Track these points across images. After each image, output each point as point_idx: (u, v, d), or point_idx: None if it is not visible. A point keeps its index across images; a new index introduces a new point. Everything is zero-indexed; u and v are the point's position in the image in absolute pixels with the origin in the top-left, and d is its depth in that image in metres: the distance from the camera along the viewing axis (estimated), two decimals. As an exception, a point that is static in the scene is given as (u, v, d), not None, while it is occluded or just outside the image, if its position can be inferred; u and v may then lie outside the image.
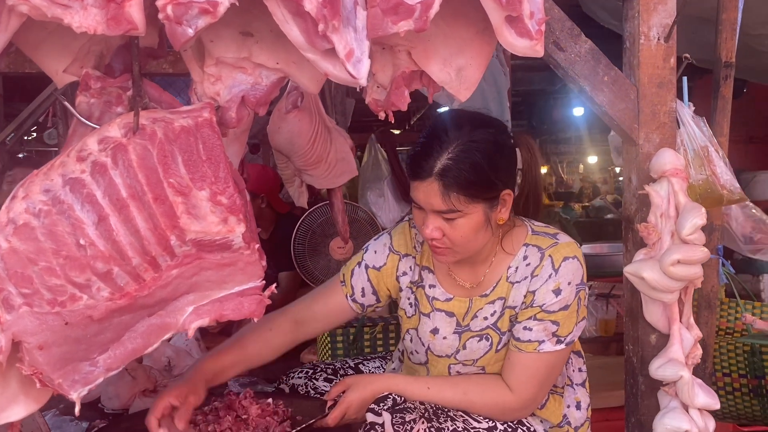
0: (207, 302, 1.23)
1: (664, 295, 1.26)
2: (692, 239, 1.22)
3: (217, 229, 1.18)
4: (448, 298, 1.76)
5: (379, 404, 1.60)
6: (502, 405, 1.66)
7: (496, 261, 1.71)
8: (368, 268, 1.87)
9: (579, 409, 1.77)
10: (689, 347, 1.31)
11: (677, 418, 1.26)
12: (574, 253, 1.62)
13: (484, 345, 1.72)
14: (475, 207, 1.56)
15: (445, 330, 1.76)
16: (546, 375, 1.65)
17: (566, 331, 1.63)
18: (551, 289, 1.61)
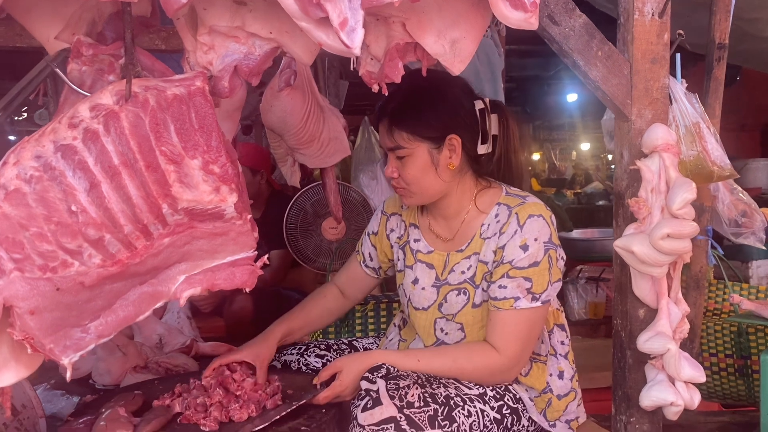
0: (199, 271, 1.24)
1: (653, 269, 1.27)
2: (682, 214, 1.23)
3: (209, 198, 1.18)
4: (429, 251, 1.88)
5: (374, 373, 1.63)
6: (490, 366, 1.71)
7: (469, 218, 1.84)
8: (369, 234, 2.08)
9: (561, 378, 1.82)
10: (677, 321, 1.33)
11: (663, 391, 1.27)
12: (539, 212, 1.72)
13: (462, 299, 1.79)
14: (419, 146, 1.74)
15: (425, 281, 1.87)
16: (527, 331, 1.71)
17: (540, 288, 1.70)
18: (518, 244, 1.70)
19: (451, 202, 1.84)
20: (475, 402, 1.70)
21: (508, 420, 1.73)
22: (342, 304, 2.17)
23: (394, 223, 2.02)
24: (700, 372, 1.28)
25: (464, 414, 1.66)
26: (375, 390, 1.59)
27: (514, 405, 1.76)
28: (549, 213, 1.76)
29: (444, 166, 1.76)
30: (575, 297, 4.02)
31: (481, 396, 1.72)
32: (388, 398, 1.56)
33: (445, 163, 1.76)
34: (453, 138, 1.75)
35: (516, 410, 1.75)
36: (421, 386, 1.66)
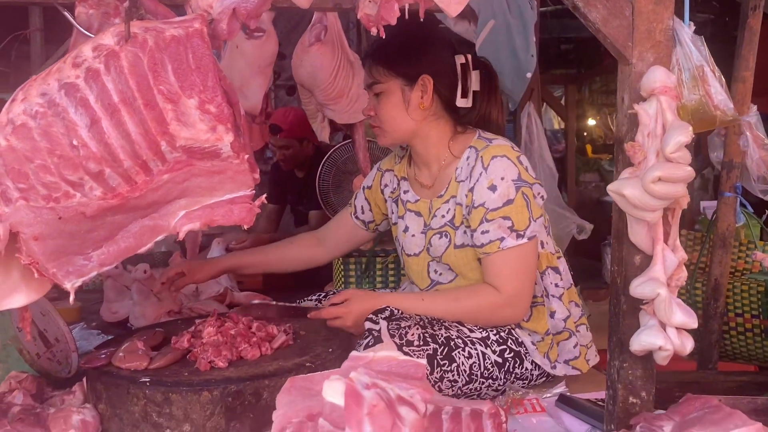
0: (198, 207, 1.29)
1: (646, 214, 1.26)
2: (676, 157, 1.21)
3: (205, 137, 1.23)
4: (416, 200, 1.98)
5: (377, 314, 1.69)
6: (492, 304, 1.76)
7: (446, 163, 1.91)
8: (364, 188, 2.20)
9: (553, 317, 1.86)
10: (672, 268, 1.31)
11: (653, 335, 1.27)
12: (503, 153, 1.79)
13: (443, 241, 1.87)
14: (393, 81, 1.84)
15: (414, 228, 1.97)
16: (521, 267, 1.76)
17: (522, 225, 1.75)
18: (485, 186, 1.77)
19: (428, 147, 1.92)
20: (476, 345, 1.73)
21: (510, 363, 1.76)
22: (311, 255, 2.24)
23: (388, 178, 2.11)
24: (692, 318, 1.27)
25: (464, 355, 1.70)
26: (377, 330, 1.64)
27: (516, 348, 1.79)
28: (516, 153, 1.82)
29: (415, 105, 1.85)
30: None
31: (483, 339, 1.75)
32: (388, 337, 1.61)
33: (416, 103, 1.85)
34: (425, 77, 1.84)
35: (518, 354, 1.78)
36: (422, 327, 1.70)
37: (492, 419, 1.11)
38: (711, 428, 1.15)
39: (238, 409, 1.50)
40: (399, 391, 0.71)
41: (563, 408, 1.58)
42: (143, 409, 1.51)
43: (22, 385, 1.69)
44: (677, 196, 1.23)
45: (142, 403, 1.51)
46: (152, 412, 1.50)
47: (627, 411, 1.39)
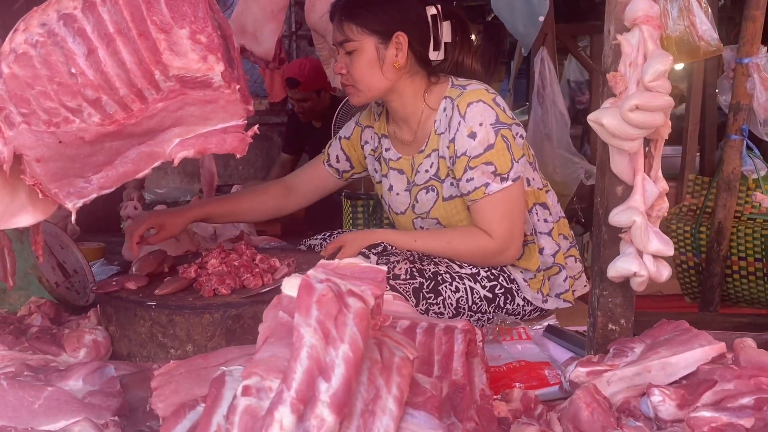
0: (192, 136, 1.36)
1: (625, 143, 1.28)
2: (654, 86, 1.22)
3: (197, 66, 1.28)
4: (398, 157, 1.96)
5: (371, 249, 1.75)
6: (483, 248, 1.79)
7: (424, 117, 1.90)
8: (341, 138, 2.16)
9: (542, 254, 1.88)
10: (653, 198, 1.34)
11: (628, 262, 1.31)
12: (478, 97, 1.77)
13: (431, 196, 1.88)
14: (367, 39, 1.78)
15: (398, 186, 1.97)
16: (509, 210, 1.78)
17: (505, 168, 1.76)
18: (465, 134, 1.76)
19: (405, 104, 1.89)
20: (465, 280, 1.79)
21: (500, 299, 1.81)
22: (282, 204, 2.18)
23: (368, 135, 2.08)
24: (668, 246, 1.31)
25: (451, 289, 1.75)
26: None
27: (507, 285, 1.84)
28: (491, 95, 1.80)
29: (390, 63, 1.81)
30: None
31: (473, 275, 1.81)
32: None
33: (390, 61, 1.80)
34: (400, 35, 1.79)
35: (510, 290, 1.83)
36: (411, 262, 1.76)
37: (464, 334, 1.17)
38: (677, 348, 1.19)
39: (237, 332, 1.59)
40: (351, 286, 0.77)
41: (549, 338, 1.64)
42: (149, 330, 1.61)
43: (41, 309, 1.80)
44: (655, 125, 1.25)
45: (148, 324, 1.61)
46: (158, 332, 1.60)
47: (606, 337, 1.44)
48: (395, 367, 0.75)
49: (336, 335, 0.70)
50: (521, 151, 1.82)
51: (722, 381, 1.08)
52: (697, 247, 2.39)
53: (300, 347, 0.69)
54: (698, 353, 1.17)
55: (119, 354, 1.67)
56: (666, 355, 1.19)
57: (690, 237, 2.42)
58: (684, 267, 2.47)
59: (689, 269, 2.46)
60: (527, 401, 1.13)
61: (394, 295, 1.36)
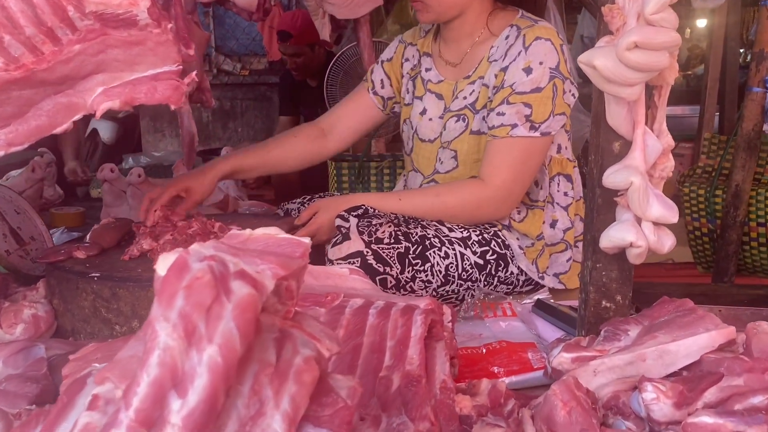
0: (118, 84, 1.17)
1: (622, 90, 1.08)
2: (656, 20, 1.02)
3: (118, 1, 1.10)
4: (439, 80, 1.79)
5: (350, 212, 1.58)
6: (477, 197, 1.63)
7: (480, 40, 1.73)
8: (383, 62, 1.96)
9: (553, 227, 1.72)
10: (655, 156, 1.14)
11: (624, 230, 1.12)
12: (548, 36, 1.61)
13: (460, 125, 1.71)
14: None
15: (432, 112, 1.79)
16: (520, 162, 1.61)
17: (540, 117, 1.60)
18: (521, 67, 1.60)
19: (465, 23, 1.73)
20: (455, 245, 1.61)
21: (492, 266, 1.64)
22: (317, 147, 1.96)
23: (410, 53, 1.91)
24: (671, 211, 1.11)
25: (440, 255, 1.58)
26: (347, 227, 1.53)
27: (501, 251, 1.66)
28: (560, 41, 1.63)
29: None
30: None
31: (463, 240, 1.63)
32: (357, 233, 1.51)
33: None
34: None
35: (503, 256, 1.66)
36: (396, 225, 1.58)
37: (424, 316, 0.99)
38: (677, 332, 1.01)
39: (188, 307, 1.42)
40: (244, 266, 0.59)
41: (538, 314, 1.46)
42: (92, 305, 1.45)
43: (-16, 279, 1.65)
44: (658, 66, 1.05)
45: (90, 298, 1.45)
46: (101, 307, 1.44)
47: (599, 316, 1.25)
48: (293, 371, 0.57)
49: (204, 333, 0.53)
50: (563, 108, 1.64)
51: (730, 374, 0.89)
52: (712, 213, 2.18)
53: (151, 350, 0.52)
54: (703, 339, 0.98)
55: (63, 330, 1.52)
56: (664, 341, 1.00)
57: (704, 201, 2.21)
58: (697, 234, 2.27)
59: (702, 236, 2.25)
60: (496, 395, 0.96)
61: (351, 269, 1.18)
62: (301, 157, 1.97)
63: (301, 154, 1.96)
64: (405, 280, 1.54)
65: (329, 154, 2.02)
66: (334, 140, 1.98)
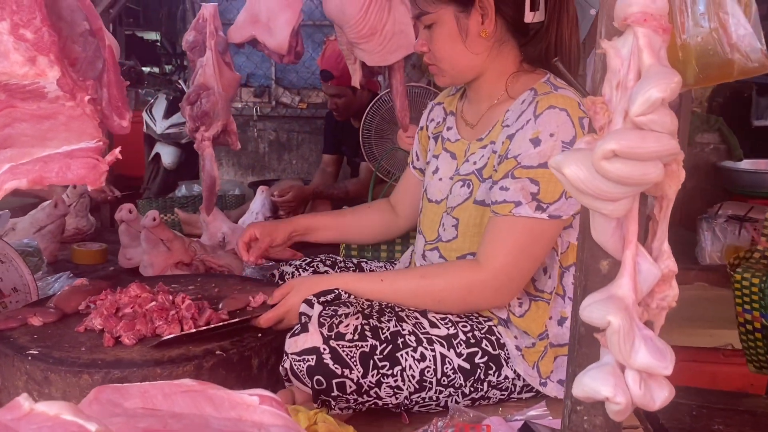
0: (27, 161, 1.04)
1: (602, 205, 0.85)
2: (643, 122, 0.79)
3: (23, 71, 0.98)
4: (456, 139, 1.68)
5: (321, 296, 1.40)
6: (468, 280, 1.43)
7: (498, 103, 1.56)
8: (419, 132, 1.88)
9: (561, 325, 1.47)
10: (650, 284, 0.90)
11: (599, 380, 0.87)
12: (565, 106, 1.39)
13: (464, 192, 1.55)
14: (444, 9, 1.52)
15: (443, 171, 1.66)
16: (521, 244, 1.40)
17: (550, 197, 1.38)
18: (529, 137, 1.40)
19: (484, 83, 1.59)
20: (435, 344, 1.40)
21: (481, 370, 1.41)
22: (387, 220, 1.95)
23: (437, 112, 1.82)
24: (664, 360, 0.87)
25: (414, 356, 1.37)
26: (309, 315, 1.35)
27: (493, 352, 1.44)
28: (580, 114, 1.40)
29: (475, 34, 1.52)
30: (709, 237, 3.36)
31: (447, 338, 1.41)
32: (316, 326, 1.32)
33: (476, 31, 1.51)
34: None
35: (496, 358, 1.43)
36: (366, 317, 1.39)
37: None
38: None
39: (121, 399, 1.27)
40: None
41: (522, 442, 1.22)
42: (26, 386, 1.33)
43: (-57, 338, 1.56)
44: (647, 180, 0.82)
45: (24, 378, 1.33)
46: (33, 390, 1.32)
47: (580, 470, 1.01)
48: None
49: None
50: None
51: None
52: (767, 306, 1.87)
53: None
54: None
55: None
56: None
57: (758, 292, 1.90)
58: (748, 328, 1.95)
59: (755, 331, 1.94)
60: None
61: (262, 396, 0.98)
62: (373, 228, 1.98)
63: (373, 225, 1.98)
64: (368, 386, 1.34)
65: (400, 229, 2.00)
66: (401, 217, 1.96)
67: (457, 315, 1.48)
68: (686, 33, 0.87)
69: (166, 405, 0.90)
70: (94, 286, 1.69)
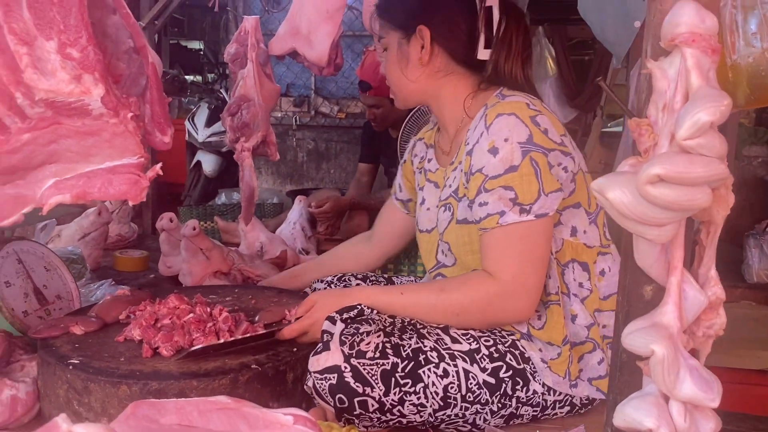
0: (71, 176, 1.06)
1: (646, 230, 0.82)
2: (691, 146, 0.76)
3: (68, 89, 0.99)
4: (436, 169, 1.72)
5: (343, 313, 1.40)
6: (485, 292, 1.41)
7: (462, 126, 1.60)
8: (402, 164, 1.92)
9: (574, 322, 1.48)
10: (697, 311, 0.87)
11: (642, 410, 0.85)
12: (512, 110, 1.42)
13: (446, 215, 1.57)
14: (391, 35, 1.62)
15: (430, 201, 1.69)
16: (522, 249, 1.40)
17: (528, 198, 1.39)
18: (485, 148, 1.43)
19: (443, 109, 1.64)
20: (457, 360, 1.38)
21: (507, 385, 1.39)
22: (368, 252, 2.00)
23: (419, 147, 1.86)
24: (711, 392, 0.84)
25: (437, 373, 1.35)
26: (331, 333, 1.35)
27: (518, 366, 1.42)
28: (531, 111, 1.44)
29: (414, 61, 1.59)
30: (757, 255, 3.25)
31: (470, 353, 1.40)
32: (338, 344, 1.32)
33: (415, 58, 1.59)
34: (422, 28, 1.55)
35: (521, 372, 1.41)
36: (387, 335, 1.38)
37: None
38: None
39: (158, 410, 1.29)
40: None
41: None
42: (66, 394, 1.35)
43: (-11, 345, 1.60)
44: (694, 206, 0.79)
45: (65, 387, 1.35)
46: (73, 399, 1.34)
47: (619, 500, 0.98)
48: None
49: None
50: (555, 185, 1.41)
51: None
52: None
53: None
54: None
55: (43, 415, 1.43)
56: None
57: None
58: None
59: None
60: None
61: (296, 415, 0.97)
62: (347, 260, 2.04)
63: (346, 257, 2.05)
64: (391, 404, 1.32)
65: (373, 260, 2.04)
66: (375, 246, 2.01)
67: (479, 330, 1.46)
68: (737, 53, 0.84)
69: (201, 422, 0.90)
70: (134, 296, 1.71)
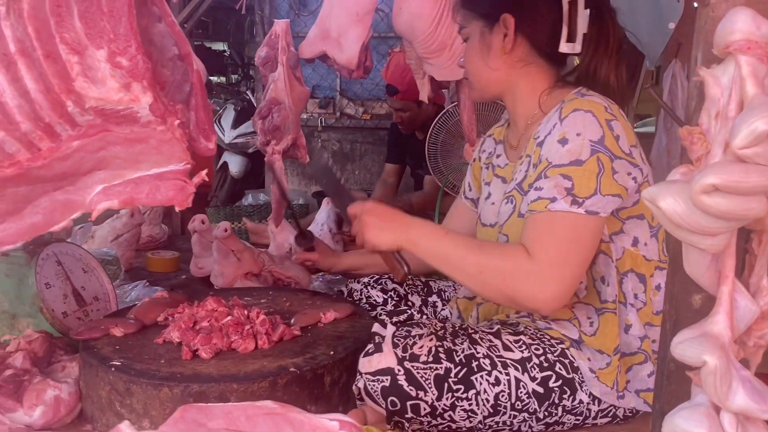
0: (119, 182, 1.08)
1: (699, 239, 0.81)
2: (747, 155, 0.75)
3: (118, 97, 1.01)
4: (505, 164, 1.68)
5: (393, 317, 1.41)
6: (516, 264, 1.35)
7: (533, 121, 1.57)
8: (472, 162, 1.89)
9: (627, 332, 1.46)
10: (748, 321, 0.86)
11: (692, 421, 0.84)
12: (590, 108, 1.38)
13: (509, 208, 1.54)
14: (474, 24, 1.58)
15: (496, 196, 1.68)
16: (566, 239, 1.35)
17: (585, 192, 1.34)
18: (556, 138, 1.39)
19: (516, 102, 1.60)
20: (509, 368, 1.37)
21: (555, 394, 1.38)
22: None
23: (488, 144, 1.82)
24: (764, 404, 0.83)
25: (489, 380, 1.35)
26: (382, 335, 1.35)
27: (567, 375, 1.41)
28: (608, 116, 1.38)
29: (496, 50, 1.54)
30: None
31: (521, 361, 1.39)
32: (390, 346, 1.32)
33: (497, 47, 1.54)
34: (506, 17, 1.52)
35: (570, 382, 1.40)
36: (440, 339, 1.37)
37: None
38: None
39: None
40: None
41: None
42: (108, 395, 1.37)
43: (30, 345, 1.63)
44: (748, 215, 0.78)
45: (107, 388, 1.37)
46: (115, 400, 1.36)
47: None
48: None
49: None
50: (617, 189, 1.36)
51: None
52: None
53: None
54: None
55: (85, 415, 1.46)
56: None
57: None
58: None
59: None
60: None
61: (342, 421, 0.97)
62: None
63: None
64: (443, 409, 1.32)
65: None
66: None
67: (529, 337, 1.44)
68: (792, 60, 0.83)
69: (248, 427, 0.91)
70: (172, 298, 1.73)
